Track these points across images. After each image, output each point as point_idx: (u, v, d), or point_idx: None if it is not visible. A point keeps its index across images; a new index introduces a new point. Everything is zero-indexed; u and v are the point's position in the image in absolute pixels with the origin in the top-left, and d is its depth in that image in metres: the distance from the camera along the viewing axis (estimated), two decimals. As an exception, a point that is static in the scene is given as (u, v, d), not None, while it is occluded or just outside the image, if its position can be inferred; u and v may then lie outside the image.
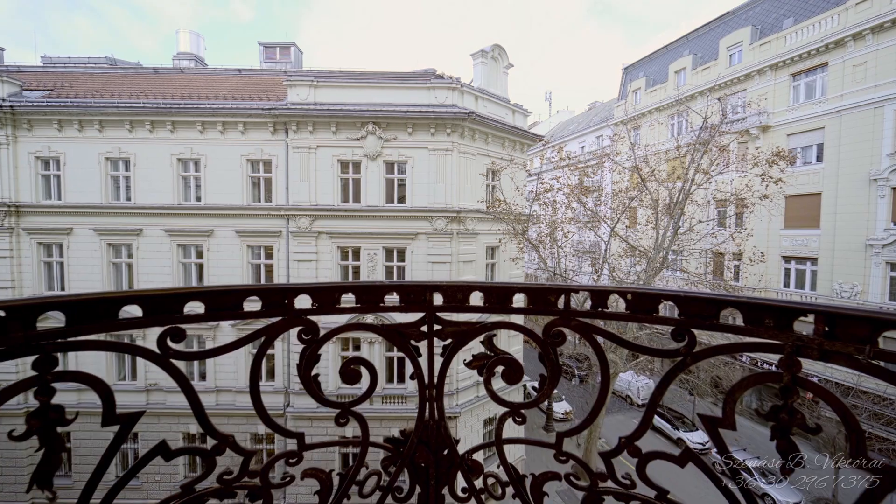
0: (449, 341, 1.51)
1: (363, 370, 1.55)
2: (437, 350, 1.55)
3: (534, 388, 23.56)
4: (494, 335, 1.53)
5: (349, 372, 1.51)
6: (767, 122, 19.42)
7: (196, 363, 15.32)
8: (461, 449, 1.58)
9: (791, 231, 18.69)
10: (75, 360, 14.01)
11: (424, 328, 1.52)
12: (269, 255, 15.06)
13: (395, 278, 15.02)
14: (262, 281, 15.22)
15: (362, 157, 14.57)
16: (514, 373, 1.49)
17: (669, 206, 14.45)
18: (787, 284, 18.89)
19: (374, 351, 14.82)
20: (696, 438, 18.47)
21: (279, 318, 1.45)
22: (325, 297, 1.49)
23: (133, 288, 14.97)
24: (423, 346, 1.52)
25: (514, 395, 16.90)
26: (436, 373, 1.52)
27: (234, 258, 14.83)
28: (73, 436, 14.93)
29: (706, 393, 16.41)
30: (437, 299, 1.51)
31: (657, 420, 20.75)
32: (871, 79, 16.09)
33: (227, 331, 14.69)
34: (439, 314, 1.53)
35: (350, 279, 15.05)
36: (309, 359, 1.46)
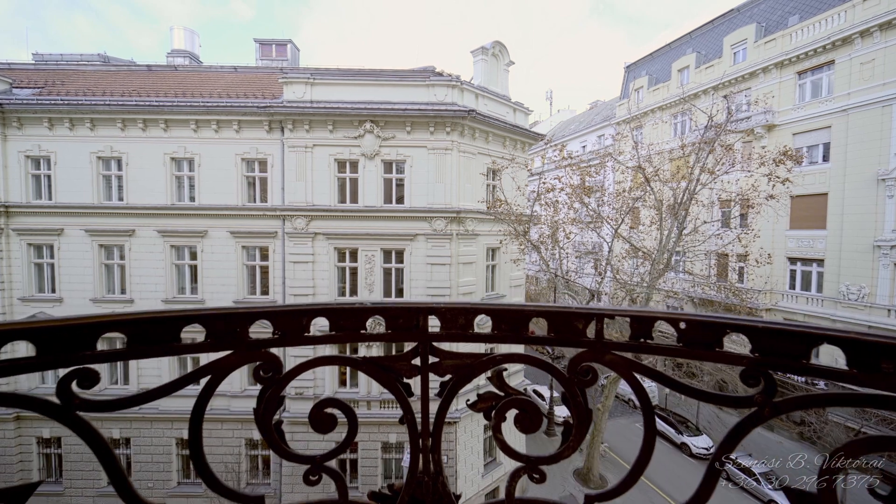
0: (448, 377, 1.21)
1: (340, 415, 1.24)
2: (434, 387, 1.24)
3: (535, 391, 23.24)
4: (505, 370, 1.23)
5: (321, 418, 1.20)
6: (773, 121, 19.12)
7: (189, 359, 14.81)
8: (463, 508, 1.23)
9: (797, 232, 18.38)
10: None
11: (417, 361, 1.21)
12: (265, 257, 14.75)
13: (393, 280, 14.71)
14: (258, 283, 14.90)
15: (360, 156, 14.26)
16: (530, 419, 1.19)
17: (673, 207, 14.15)
18: (792, 286, 18.59)
19: (373, 353, 14.47)
20: (701, 444, 18.17)
21: (228, 353, 1.13)
22: (290, 322, 1.18)
23: (124, 290, 14.66)
24: (415, 383, 1.22)
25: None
26: (431, 417, 1.20)
27: (228, 260, 14.51)
28: (64, 441, 14.61)
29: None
30: (434, 324, 1.20)
31: (660, 424, 20.44)
32: (879, 77, 15.79)
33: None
34: (435, 344, 1.22)
35: (347, 281, 14.72)
36: (269, 402, 1.15)
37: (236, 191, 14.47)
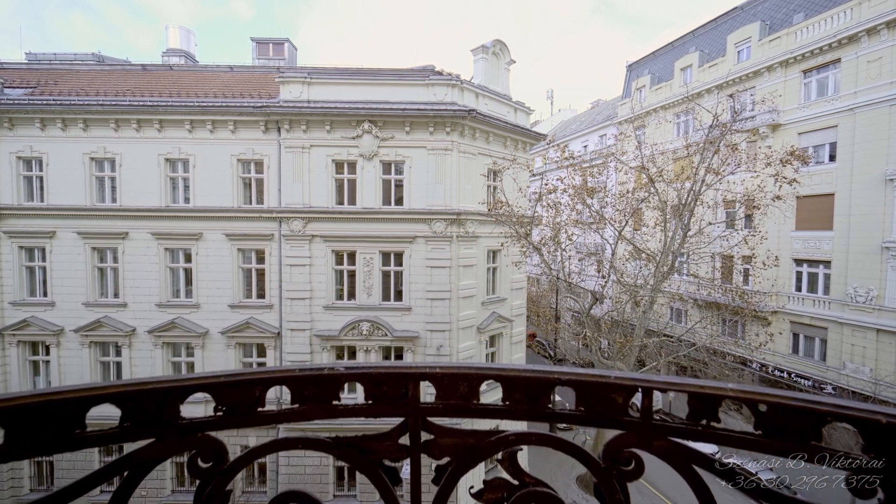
0: (446, 461, 0.93)
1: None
2: (427, 473, 0.96)
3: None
4: (520, 450, 0.95)
5: (281, 516, 0.93)
6: (777, 121, 18.83)
7: (183, 353, 14.57)
8: None
9: (803, 233, 18.09)
10: (58, 364, 13.55)
11: (406, 440, 0.93)
12: (261, 260, 14.48)
13: (392, 283, 14.44)
14: (254, 286, 14.63)
15: (358, 156, 13.98)
16: (553, 517, 0.91)
17: (678, 208, 13.88)
18: (798, 288, 18.31)
19: (372, 359, 14.23)
20: (705, 449, 17.92)
21: (151, 441, 0.87)
22: (237, 396, 0.91)
23: (118, 294, 14.38)
24: (403, 466, 0.94)
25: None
26: (424, 512, 0.93)
27: (224, 262, 14.23)
28: (57, 448, 14.33)
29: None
30: (427, 393, 0.93)
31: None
32: (887, 75, 15.48)
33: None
34: (430, 419, 0.95)
35: (345, 284, 14.45)
36: (210, 500, 0.88)
37: (232, 192, 14.19)
